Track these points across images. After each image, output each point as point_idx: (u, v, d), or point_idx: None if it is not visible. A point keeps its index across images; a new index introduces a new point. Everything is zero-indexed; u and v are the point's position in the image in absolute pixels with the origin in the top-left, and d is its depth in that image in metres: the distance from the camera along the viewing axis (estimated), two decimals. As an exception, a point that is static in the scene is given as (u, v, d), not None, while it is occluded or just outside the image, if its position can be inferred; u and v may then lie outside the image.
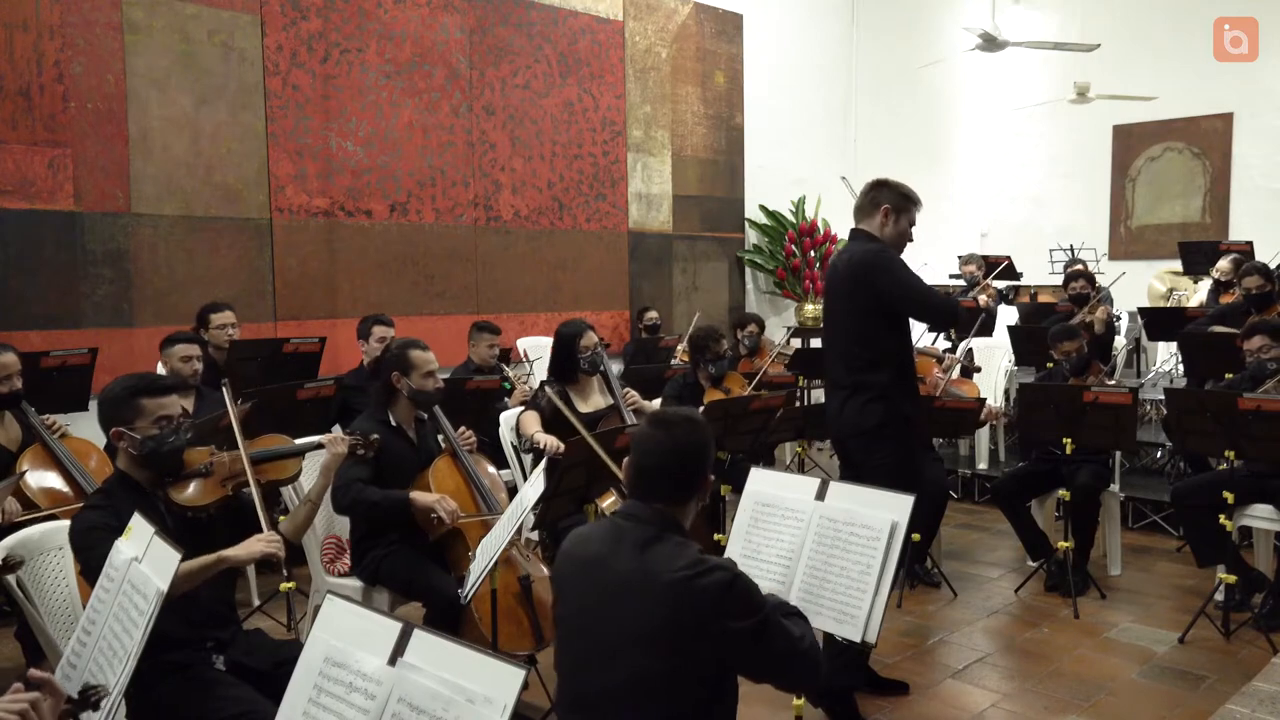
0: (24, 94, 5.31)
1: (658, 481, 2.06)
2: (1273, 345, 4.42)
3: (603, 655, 1.96)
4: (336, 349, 6.07)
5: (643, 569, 1.94)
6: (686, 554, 1.95)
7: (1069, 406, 4.42)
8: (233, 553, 2.50)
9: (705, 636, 1.90)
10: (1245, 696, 2.26)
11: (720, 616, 1.90)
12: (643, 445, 2.09)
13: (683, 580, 1.90)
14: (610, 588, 1.98)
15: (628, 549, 1.98)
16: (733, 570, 1.95)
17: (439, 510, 3.29)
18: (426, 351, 3.54)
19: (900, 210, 3.40)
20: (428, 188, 7.02)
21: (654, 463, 2.06)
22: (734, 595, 1.92)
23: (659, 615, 1.90)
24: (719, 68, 9.18)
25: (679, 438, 2.07)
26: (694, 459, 2.08)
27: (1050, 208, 9.78)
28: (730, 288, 9.41)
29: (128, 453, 2.55)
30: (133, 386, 2.57)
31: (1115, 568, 5.04)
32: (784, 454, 6.69)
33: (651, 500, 2.05)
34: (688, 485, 2.08)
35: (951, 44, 9.85)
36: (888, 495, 2.37)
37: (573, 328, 4.45)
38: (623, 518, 2.06)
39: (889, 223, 3.41)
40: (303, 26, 6.34)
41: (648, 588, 1.92)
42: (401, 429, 3.53)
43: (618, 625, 1.95)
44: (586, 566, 2.05)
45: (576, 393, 4.45)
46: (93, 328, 5.53)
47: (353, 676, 1.59)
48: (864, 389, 3.41)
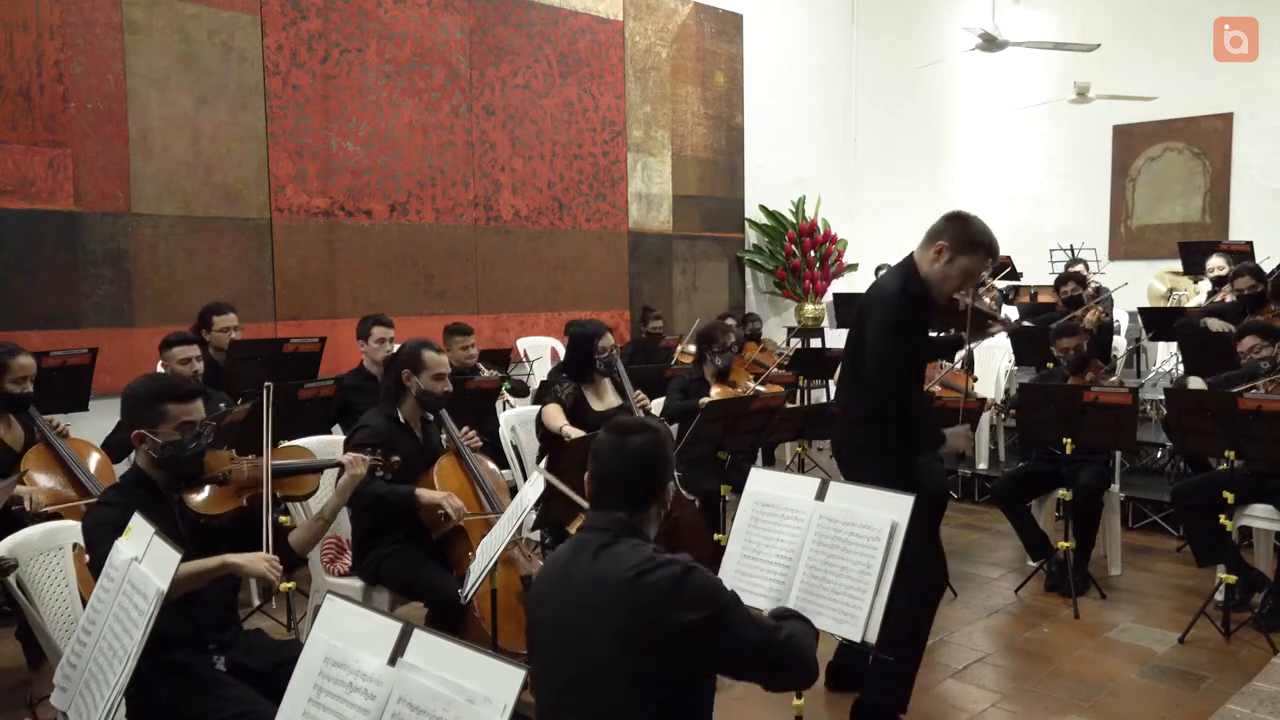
0: (24, 94, 5.31)
1: (615, 490, 2.05)
2: (1265, 345, 4.43)
3: (572, 665, 1.95)
4: (336, 349, 6.07)
5: (596, 573, 1.93)
6: (639, 553, 1.93)
7: (1069, 406, 4.42)
8: (237, 560, 2.48)
9: (661, 632, 1.87)
10: (1245, 696, 2.26)
11: (672, 608, 1.86)
12: (599, 455, 2.09)
13: (632, 579, 1.88)
14: (571, 597, 1.96)
15: (586, 557, 1.97)
16: (685, 564, 1.92)
17: (446, 507, 3.29)
18: (440, 354, 3.56)
19: (958, 252, 3.08)
20: (428, 188, 7.02)
21: (610, 471, 2.06)
22: (685, 587, 1.88)
23: (614, 616, 1.88)
24: (719, 68, 9.18)
25: (636, 445, 2.06)
26: (650, 466, 2.07)
27: (1050, 208, 9.78)
28: (730, 288, 9.41)
29: (148, 454, 2.55)
30: (158, 391, 2.56)
31: (1115, 568, 5.04)
32: (784, 454, 6.69)
33: (610, 509, 2.04)
34: (646, 492, 2.06)
35: (951, 44, 9.84)
36: (888, 495, 2.37)
37: (592, 328, 4.47)
38: (585, 530, 2.06)
39: (939, 261, 3.10)
40: (303, 26, 6.34)
41: (602, 591, 1.91)
42: (409, 426, 3.54)
43: (581, 633, 1.93)
44: (551, 582, 2.04)
45: (591, 391, 4.49)
46: (93, 328, 5.53)
47: (353, 676, 1.59)
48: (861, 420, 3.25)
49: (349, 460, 2.95)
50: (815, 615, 2.30)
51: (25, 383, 3.68)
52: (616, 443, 2.08)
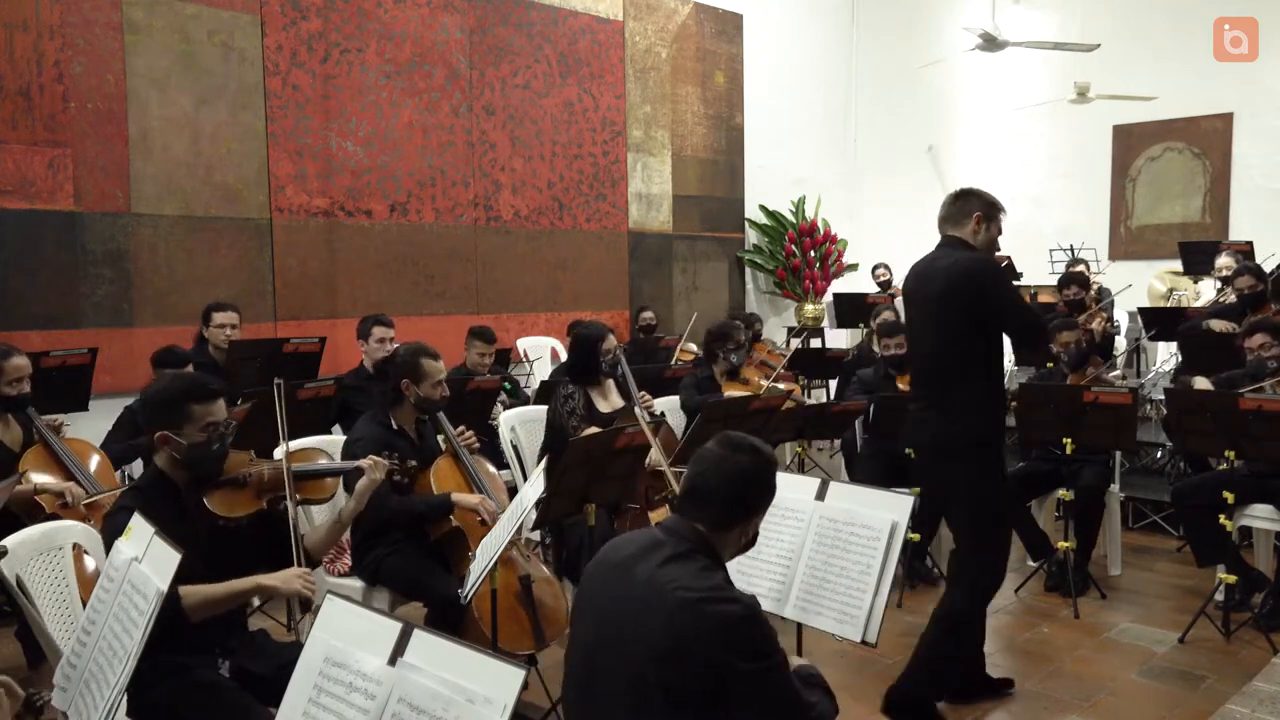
0: (24, 94, 5.31)
1: (703, 501, 2.00)
2: (1274, 344, 4.42)
3: (608, 657, 1.96)
4: (336, 349, 6.06)
5: (655, 581, 1.90)
6: (707, 578, 1.90)
7: (1069, 406, 4.42)
8: (270, 581, 2.47)
9: (705, 665, 1.84)
10: (1245, 696, 2.26)
11: (724, 650, 1.84)
12: (700, 462, 2.04)
13: (693, 603, 1.85)
14: (625, 594, 1.95)
15: (654, 560, 1.94)
16: (751, 607, 1.88)
17: (482, 511, 3.33)
18: (438, 361, 3.53)
19: (990, 218, 3.34)
20: (428, 188, 7.02)
21: (705, 482, 2.01)
22: (744, 632, 1.85)
23: (661, 631, 1.86)
24: (719, 68, 9.18)
25: (737, 463, 2.01)
26: (745, 488, 2.02)
27: (1050, 208, 9.77)
28: (730, 288, 9.41)
29: (171, 455, 2.52)
30: (184, 390, 2.52)
31: (1115, 568, 5.03)
32: (784, 454, 6.69)
33: (693, 519, 2.00)
34: (732, 513, 2.01)
35: (951, 44, 9.84)
36: (888, 495, 2.37)
37: (595, 330, 4.47)
38: (662, 530, 2.02)
39: (981, 230, 3.34)
40: (303, 26, 6.34)
41: (656, 601, 1.88)
42: (403, 431, 3.53)
43: (625, 631, 1.93)
44: (612, 569, 2.02)
45: (596, 393, 4.48)
46: (93, 328, 5.53)
47: (353, 676, 1.59)
48: (951, 409, 3.29)
49: (368, 464, 2.93)
50: (815, 615, 2.30)
51: (21, 383, 3.68)
52: (721, 456, 2.03)
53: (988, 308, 3.24)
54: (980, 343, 3.29)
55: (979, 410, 3.28)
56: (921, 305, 3.42)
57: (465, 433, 3.71)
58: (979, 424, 3.28)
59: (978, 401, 3.28)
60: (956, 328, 3.27)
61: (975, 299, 3.23)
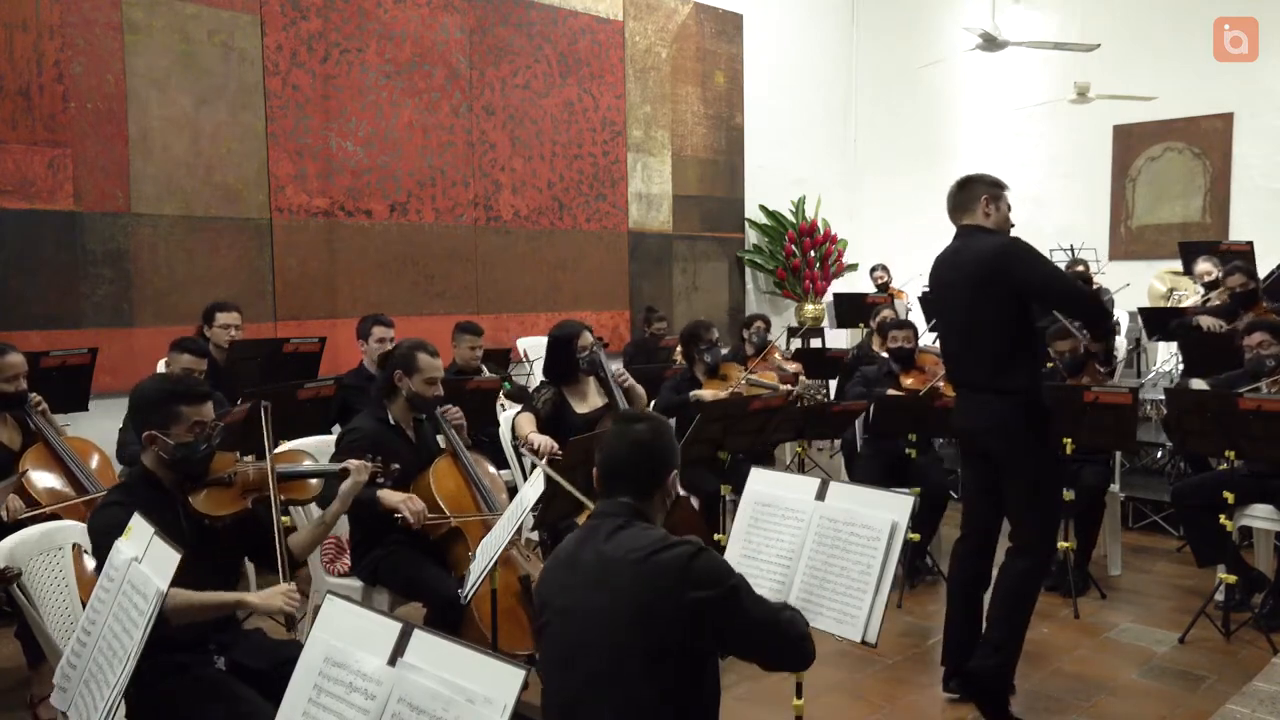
0: (24, 94, 5.31)
1: (621, 477, 2.14)
2: (1273, 342, 4.42)
3: (582, 648, 1.98)
4: (336, 349, 6.06)
5: (604, 555, 2.00)
6: (650, 535, 2.01)
7: (1069, 406, 4.42)
8: (253, 600, 2.53)
9: (673, 609, 1.93)
10: (1245, 696, 2.25)
11: (684, 586, 1.93)
12: (606, 444, 2.19)
13: (644, 558, 1.96)
14: (580, 581, 2.03)
15: (599, 540, 2.04)
16: (695, 545, 1.99)
17: (404, 511, 3.25)
18: (435, 358, 3.52)
19: (996, 197, 3.38)
20: (428, 188, 7.01)
21: (618, 458, 2.15)
22: (697, 565, 1.96)
23: (629, 594, 1.95)
24: (719, 68, 9.18)
25: (638, 433, 2.16)
26: (654, 452, 2.16)
27: (1050, 208, 9.76)
28: (730, 288, 9.41)
29: (158, 455, 2.55)
30: (171, 391, 2.56)
31: (1115, 568, 5.03)
32: (784, 454, 6.69)
33: (617, 496, 2.12)
34: (651, 479, 2.15)
35: (951, 44, 9.84)
36: (888, 495, 2.37)
37: (568, 330, 4.38)
38: (595, 517, 2.13)
39: (992, 210, 3.38)
40: (303, 26, 6.34)
41: (612, 571, 1.98)
42: (400, 427, 3.52)
43: (594, 614, 1.98)
44: (560, 569, 2.11)
45: (573, 394, 4.39)
46: (93, 328, 5.53)
47: (353, 676, 1.59)
48: (1008, 390, 3.31)
49: (353, 466, 2.96)
50: (815, 615, 2.30)
51: (17, 381, 3.68)
52: (621, 431, 2.19)
53: (1028, 285, 3.28)
54: (1025, 321, 3.34)
55: (1035, 387, 3.37)
56: (958, 291, 3.42)
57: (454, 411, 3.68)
58: (1039, 400, 3.38)
59: (1032, 378, 3.36)
60: (1002, 310, 3.30)
61: (1014, 278, 3.26)
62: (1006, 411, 3.32)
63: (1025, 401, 3.33)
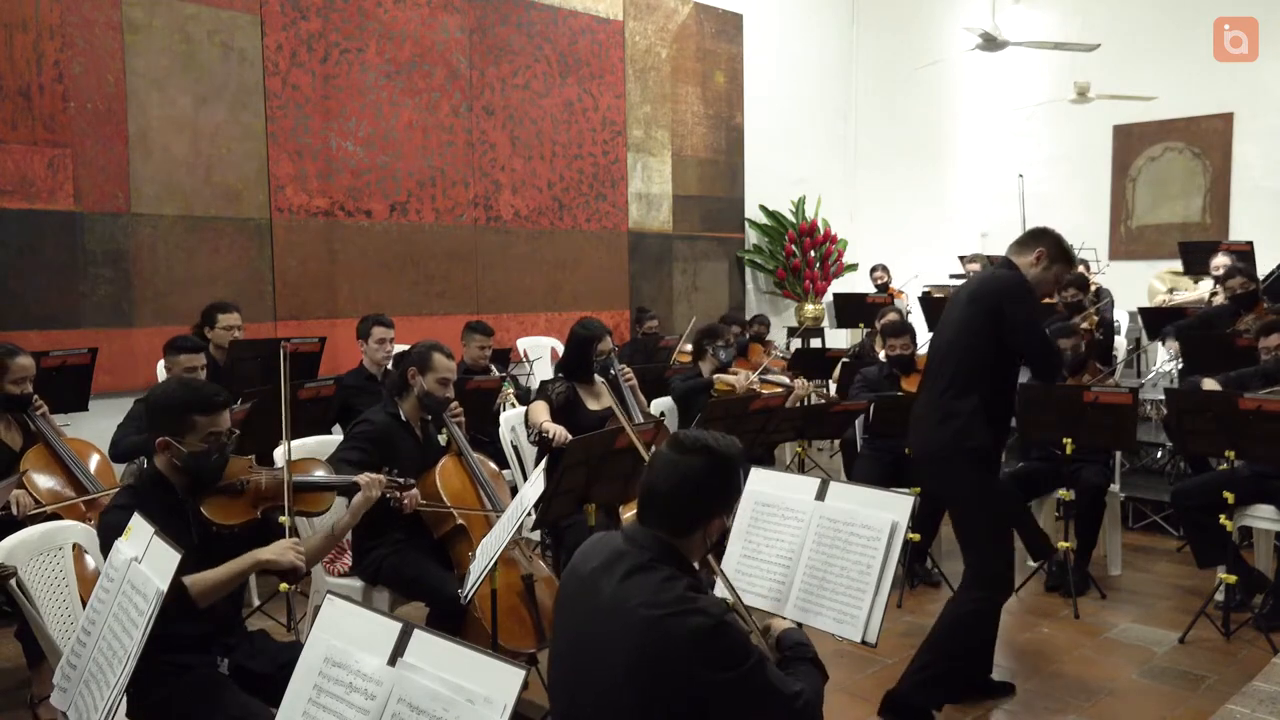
0: (24, 94, 5.31)
1: (661, 507, 1.94)
2: None
3: (585, 676, 1.93)
4: (336, 349, 6.07)
5: (618, 599, 1.85)
6: (671, 590, 1.83)
7: (1069, 406, 4.42)
8: (267, 555, 2.51)
9: (678, 681, 1.79)
10: (1245, 696, 2.25)
11: (696, 664, 1.78)
12: (654, 468, 1.97)
13: (657, 620, 1.79)
14: (594, 611, 1.91)
15: (618, 573, 1.88)
16: (717, 615, 1.81)
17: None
18: (450, 360, 3.57)
19: (1054, 260, 3.38)
20: (428, 188, 7.01)
21: (662, 487, 1.94)
22: (713, 644, 1.79)
23: (629, 648, 1.81)
24: (719, 68, 9.18)
25: (691, 466, 1.93)
26: (705, 492, 1.94)
27: (1050, 208, 9.77)
28: (730, 288, 9.41)
29: (170, 461, 2.54)
30: (188, 400, 2.54)
31: (1115, 568, 5.03)
32: (784, 454, 6.69)
33: (653, 526, 1.94)
34: (692, 517, 1.94)
35: (951, 44, 9.85)
36: (888, 495, 2.37)
37: (592, 331, 4.50)
38: (625, 538, 1.96)
39: (1038, 266, 3.38)
40: (303, 26, 6.34)
41: (621, 621, 1.83)
42: (410, 425, 3.55)
43: (597, 650, 1.89)
44: (582, 584, 1.97)
45: (587, 392, 4.51)
46: (92, 328, 5.53)
47: (353, 676, 1.59)
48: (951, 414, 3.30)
49: (365, 481, 2.97)
50: (815, 615, 2.30)
51: (24, 383, 3.69)
52: (672, 461, 1.95)
53: (1005, 323, 3.28)
54: (990, 355, 3.31)
55: (972, 421, 3.28)
56: (954, 306, 3.48)
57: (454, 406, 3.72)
58: (973, 434, 3.28)
59: (974, 412, 3.28)
60: (973, 335, 3.32)
61: (995, 311, 3.28)
62: (946, 439, 3.30)
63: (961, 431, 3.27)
